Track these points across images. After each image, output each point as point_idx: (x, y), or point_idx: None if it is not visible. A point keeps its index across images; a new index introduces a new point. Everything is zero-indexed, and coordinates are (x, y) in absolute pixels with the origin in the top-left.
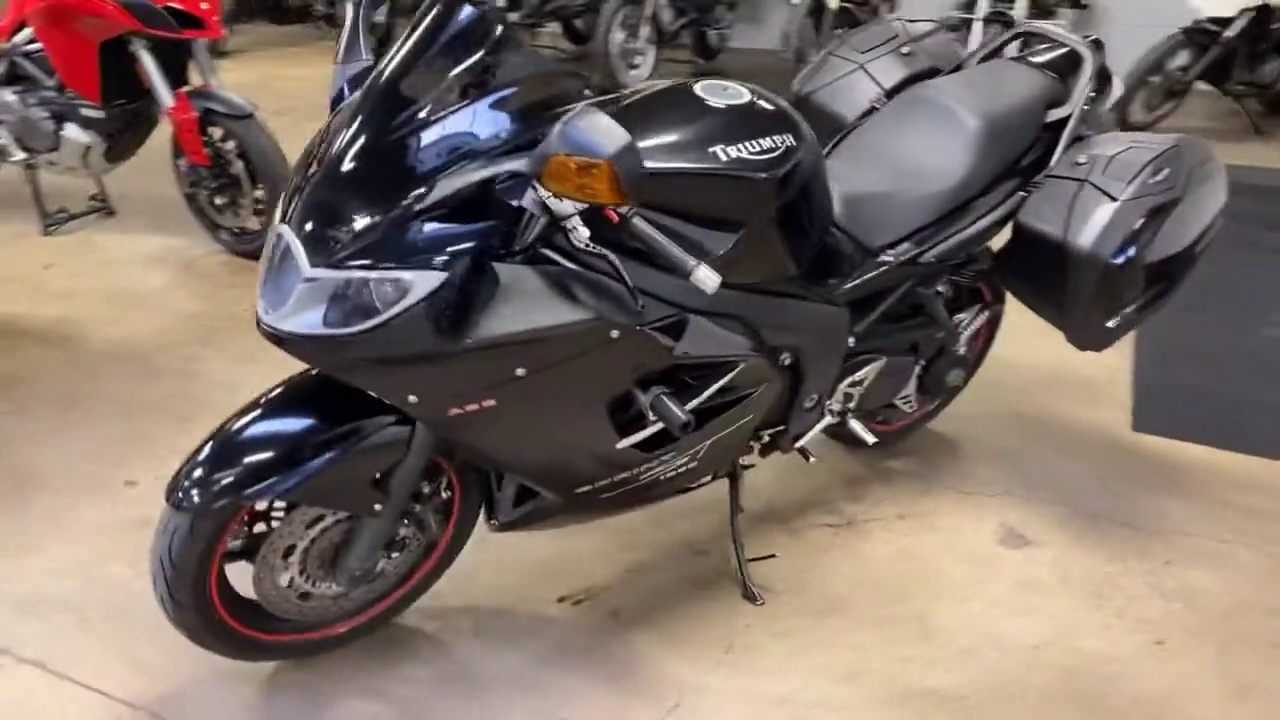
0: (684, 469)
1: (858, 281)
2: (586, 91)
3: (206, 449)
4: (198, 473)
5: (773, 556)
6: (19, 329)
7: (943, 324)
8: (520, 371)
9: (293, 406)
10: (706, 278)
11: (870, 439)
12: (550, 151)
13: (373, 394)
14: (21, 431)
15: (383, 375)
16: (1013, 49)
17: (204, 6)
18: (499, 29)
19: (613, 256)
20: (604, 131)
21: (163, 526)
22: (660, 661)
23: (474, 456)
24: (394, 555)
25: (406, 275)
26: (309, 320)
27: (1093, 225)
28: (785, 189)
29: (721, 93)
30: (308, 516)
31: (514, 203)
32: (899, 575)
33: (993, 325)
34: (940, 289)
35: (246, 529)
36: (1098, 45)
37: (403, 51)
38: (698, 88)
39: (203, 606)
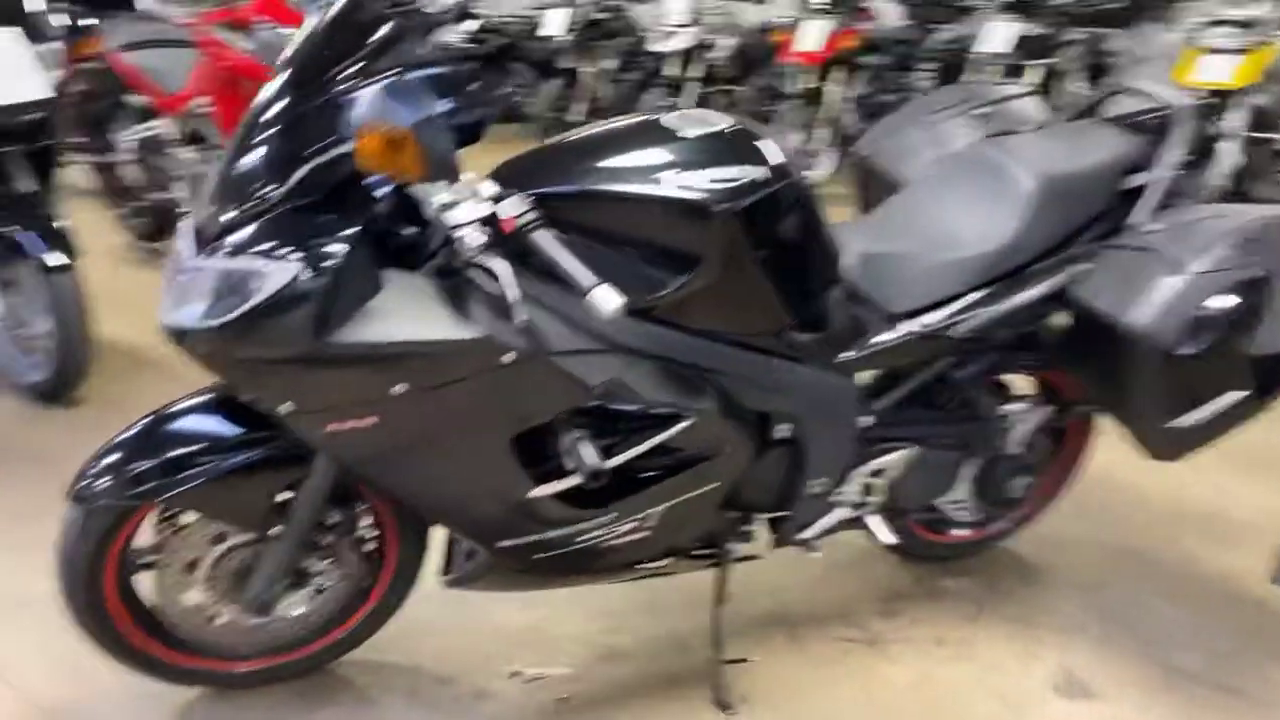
0: (632, 538)
1: (868, 351)
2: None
3: (115, 441)
4: (100, 464)
5: (744, 661)
6: (143, 358)
7: (986, 416)
8: (399, 389)
9: (221, 406)
10: (605, 300)
11: (888, 539)
12: (360, 122)
13: (245, 400)
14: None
15: (254, 378)
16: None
17: None
18: (400, 21)
19: (501, 268)
20: (412, 98)
21: (63, 520)
22: None
23: (380, 488)
24: (306, 590)
25: (263, 267)
26: (189, 314)
27: (1151, 302)
28: (753, 224)
29: (696, 123)
30: (210, 531)
31: (378, 194)
32: (910, 706)
33: (1083, 430)
34: (997, 374)
35: (172, 533)
36: (1204, 109)
37: (305, 43)
38: (669, 117)
39: (97, 611)
